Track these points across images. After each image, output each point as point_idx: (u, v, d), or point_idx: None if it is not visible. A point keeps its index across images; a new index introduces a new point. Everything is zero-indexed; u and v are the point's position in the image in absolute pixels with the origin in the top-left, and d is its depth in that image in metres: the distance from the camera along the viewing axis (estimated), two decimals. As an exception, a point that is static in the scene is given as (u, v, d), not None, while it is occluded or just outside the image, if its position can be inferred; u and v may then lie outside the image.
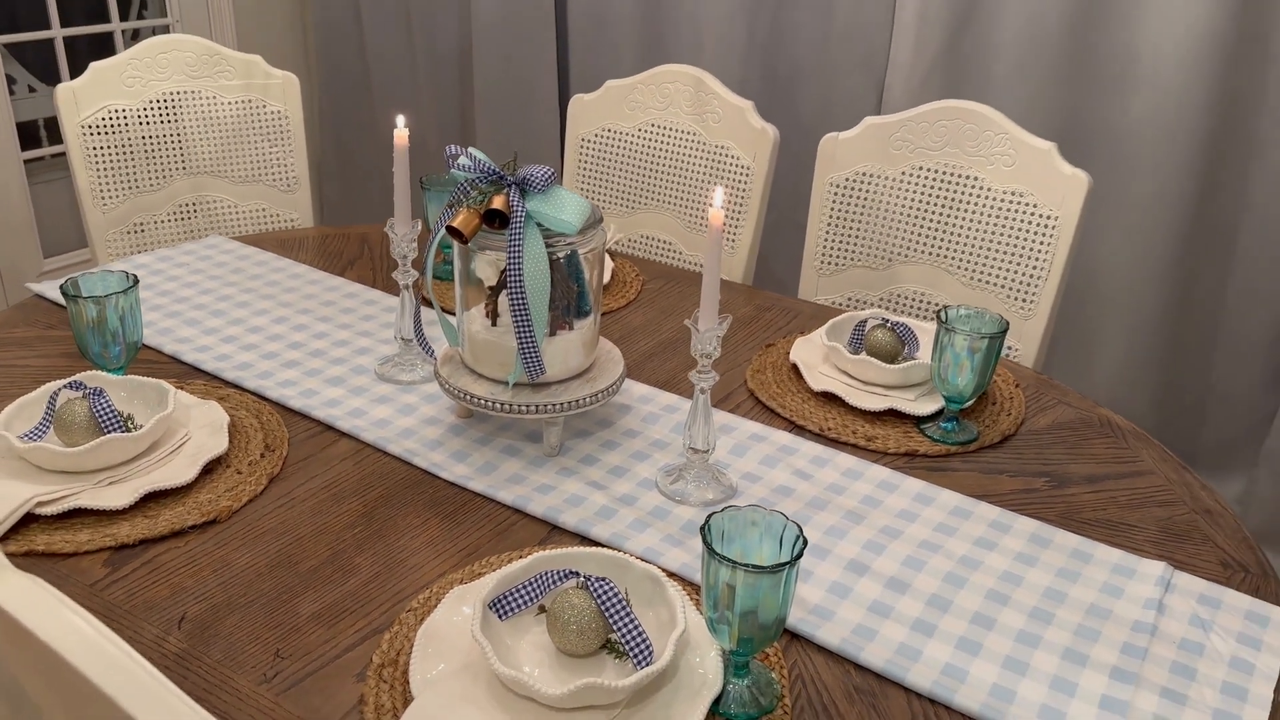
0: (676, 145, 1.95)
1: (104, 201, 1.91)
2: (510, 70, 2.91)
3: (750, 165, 1.86)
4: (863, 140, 1.74)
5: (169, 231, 2.01)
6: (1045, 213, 1.57)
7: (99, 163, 1.90)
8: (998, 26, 2.19)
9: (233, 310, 1.57)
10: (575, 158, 2.07)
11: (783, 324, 1.61)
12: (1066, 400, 1.39)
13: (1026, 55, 2.16)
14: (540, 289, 1.14)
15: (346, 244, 1.87)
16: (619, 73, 2.76)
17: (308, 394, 1.33)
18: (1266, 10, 1.97)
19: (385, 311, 1.60)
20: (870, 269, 1.77)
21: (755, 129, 1.85)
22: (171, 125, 1.97)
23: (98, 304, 1.22)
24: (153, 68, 1.94)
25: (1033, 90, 2.18)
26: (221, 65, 1.99)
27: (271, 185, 2.06)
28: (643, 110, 1.98)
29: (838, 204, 1.77)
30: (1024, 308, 1.60)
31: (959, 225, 1.66)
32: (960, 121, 1.64)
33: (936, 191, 1.68)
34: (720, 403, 1.35)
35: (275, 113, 2.03)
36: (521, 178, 1.17)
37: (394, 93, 3.23)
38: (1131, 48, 2.06)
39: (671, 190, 1.96)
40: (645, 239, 2.01)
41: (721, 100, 1.89)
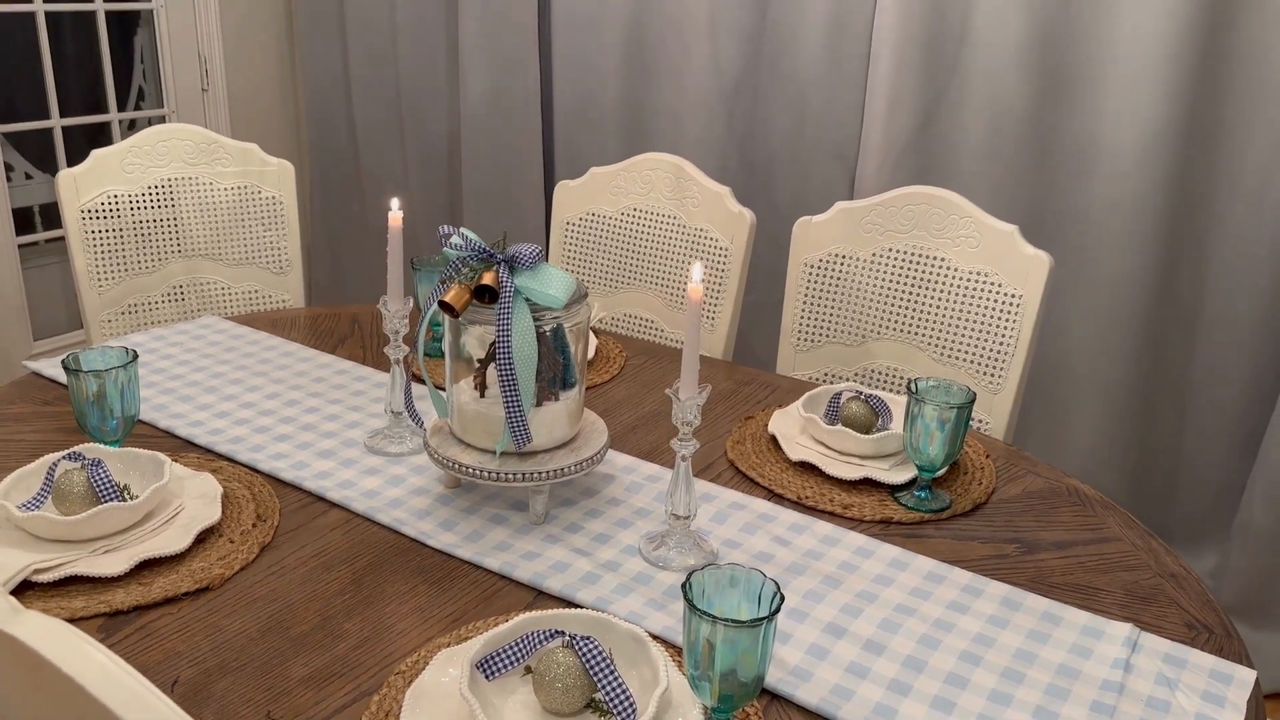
0: (658, 228, 2.02)
1: (100, 284, 1.96)
2: (498, 157, 3.01)
3: (729, 247, 1.93)
4: (835, 223, 1.82)
5: (163, 312, 2.05)
6: (1010, 292, 1.64)
7: (96, 246, 1.96)
8: (963, 116, 2.30)
9: (226, 387, 1.61)
10: (560, 240, 2.14)
11: (762, 397, 1.66)
12: (1035, 471, 1.44)
13: (991, 143, 2.27)
14: (528, 361, 1.19)
15: (337, 323, 1.92)
16: (603, 159, 2.87)
17: (299, 466, 1.37)
18: (1216, 103, 2.09)
19: (375, 387, 1.64)
20: (845, 345, 1.83)
21: (733, 213, 1.93)
22: (168, 210, 2.03)
23: (98, 378, 1.26)
24: (152, 155, 2.01)
25: (998, 176, 2.28)
26: (219, 153, 2.07)
27: (264, 267, 2.11)
28: (625, 195, 2.06)
29: (812, 284, 1.84)
30: (993, 382, 1.66)
31: (928, 304, 1.73)
32: (927, 206, 1.72)
33: (906, 272, 1.76)
34: (701, 472, 1.39)
35: (270, 198, 2.10)
36: (510, 255, 1.23)
37: (384, 179, 3.32)
38: (1091, 137, 2.17)
39: (653, 270, 2.03)
40: (628, 317, 2.08)
41: (700, 186, 1.98)
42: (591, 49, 2.80)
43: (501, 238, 1.27)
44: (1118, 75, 2.12)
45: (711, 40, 2.59)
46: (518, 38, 2.88)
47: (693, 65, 2.65)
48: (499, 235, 3.14)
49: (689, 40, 2.64)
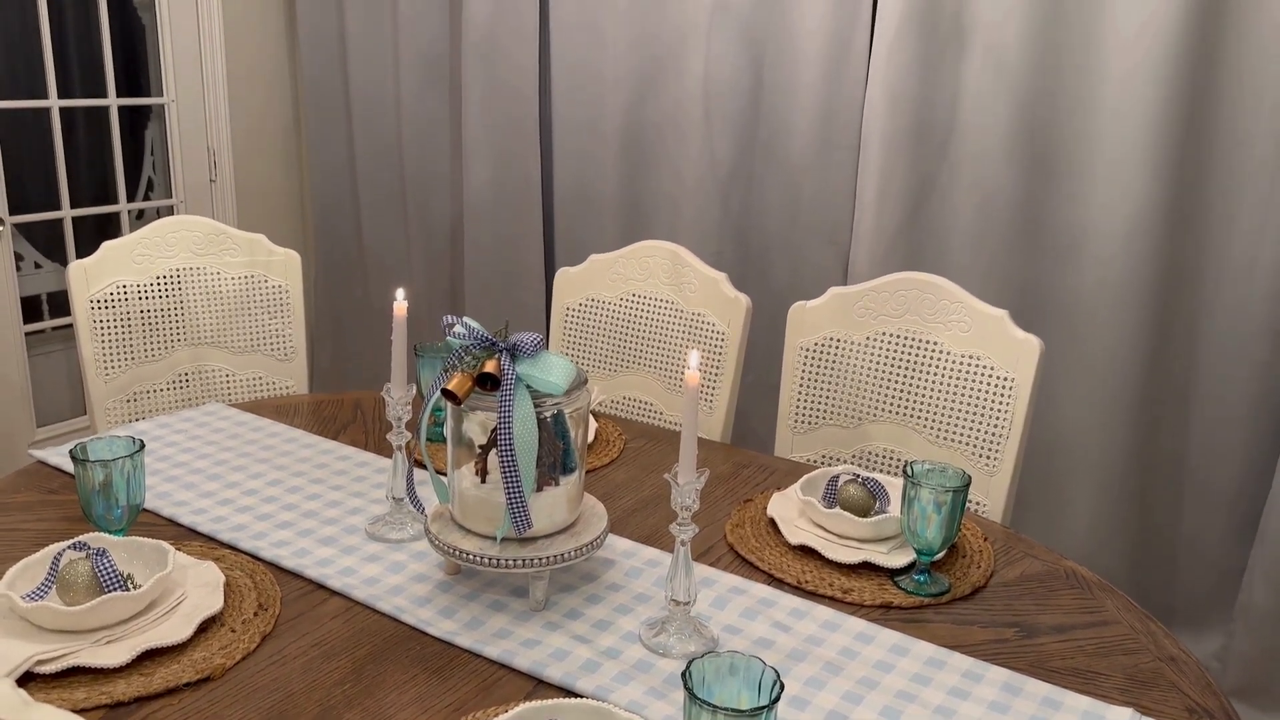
0: (656, 313, 2.06)
1: (107, 372, 1.99)
2: (499, 243, 3.07)
3: (725, 331, 1.97)
4: (829, 308, 1.85)
5: (167, 399, 2.08)
6: (1002, 375, 1.67)
7: (104, 335, 1.99)
8: (953, 202, 2.36)
9: (229, 474, 1.62)
10: (561, 325, 2.18)
11: (760, 480, 1.67)
12: (1033, 553, 1.45)
13: (981, 228, 2.33)
14: (528, 447, 1.21)
15: (340, 409, 1.94)
16: (602, 245, 2.92)
17: (300, 554, 1.37)
18: (1200, 184, 2.14)
19: (376, 474, 1.65)
20: (841, 428, 1.85)
21: (729, 298, 1.97)
22: (176, 299, 2.07)
23: (105, 468, 1.27)
24: (161, 246, 2.06)
25: (989, 259, 2.33)
26: (227, 243, 2.12)
27: (269, 354, 2.15)
28: (624, 281, 2.11)
29: (808, 367, 1.87)
30: (989, 464, 1.68)
31: (922, 386, 1.76)
32: (918, 292, 1.76)
33: (899, 355, 1.79)
34: (700, 556, 1.40)
35: (276, 287, 2.14)
36: (512, 344, 1.26)
37: (387, 265, 3.38)
38: (1079, 221, 2.23)
39: (652, 354, 2.06)
40: (627, 400, 2.10)
41: (697, 272, 2.02)
42: (591, 139, 2.89)
43: (503, 327, 1.30)
44: (1102, 161, 2.18)
45: (706, 130, 2.67)
46: (519, 130, 2.96)
47: (688, 154, 2.72)
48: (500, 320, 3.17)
49: (685, 130, 2.72)
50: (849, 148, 2.49)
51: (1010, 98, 2.23)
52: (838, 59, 2.45)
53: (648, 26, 2.70)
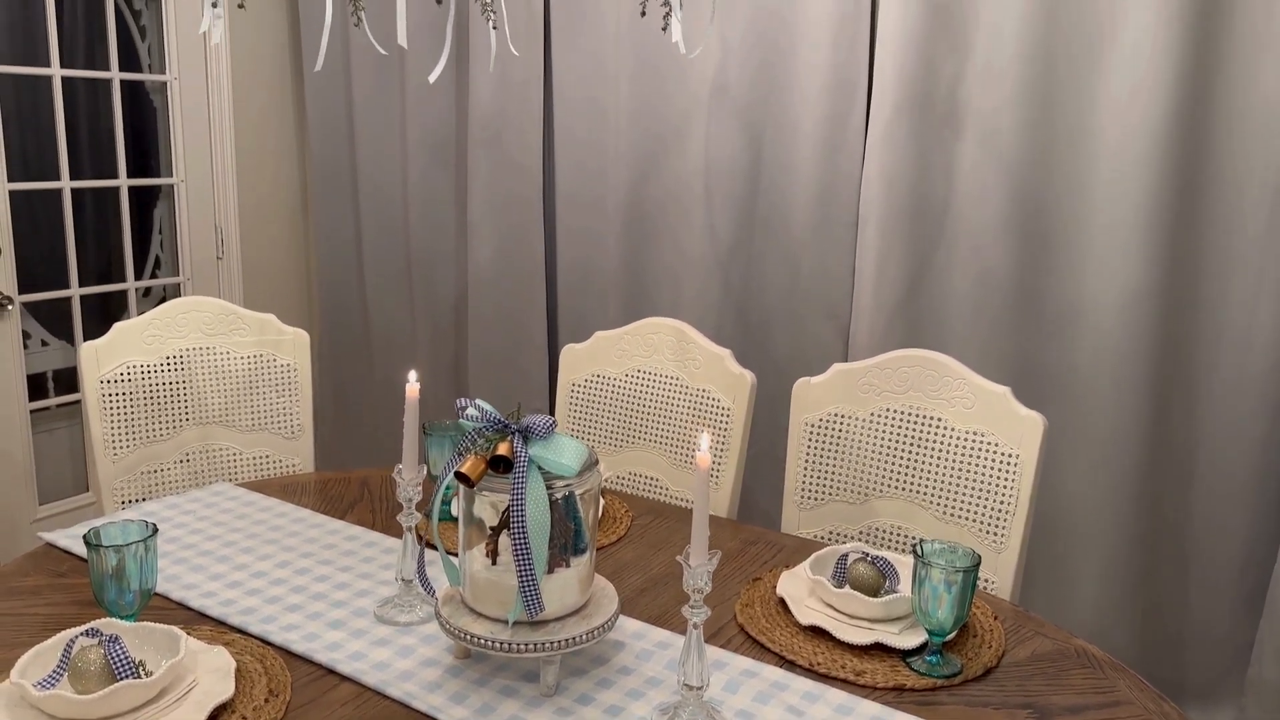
0: (661, 389, 2.08)
1: (115, 452, 2.00)
2: (503, 318, 3.10)
3: (730, 407, 1.99)
4: (833, 384, 1.87)
5: (174, 478, 2.08)
6: (1006, 452, 1.68)
7: (113, 415, 2.00)
8: (950, 279, 2.40)
9: (238, 555, 1.62)
10: (567, 401, 2.19)
11: (768, 558, 1.67)
12: (1043, 632, 1.44)
13: (979, 304, 2.36)
14: (541, 529, 1.21)
15: (347, 488, 1.95)
16: (604, 320, 2.97)
17: (310, 637, 1.37)
18: (1191, 264, 2.19)
19: (384, 554, 1.65)
20: (848, 504, 1.86)
21: (734, 374, 1.99)
22: (185, 379, 2.09)
23: (118, 553, 1.28)
24: (172, 326, 2.09)
25: (987, 335, 2.36)
26: (237, 324, 2.14)
27: (276, 433, 2.16)
28: (629, 358, 2.13)
29: (813, 443, 1.88)
30: (996, 541, 1.68)
31: (928, 463, 1.77)
32: (921, 368, 1.79)
33: (904, 431, 1.80)
34: (711, 637, 1.40)
35: (285, 366, 2.16)
36: (525, 425, 1.28)
37: (392, 341, 3.41)
38: (1075, 296, 2.26)
39: (657, 430, 2.08)
40: (634, 476, 2.11)
41: (701, 349, 2.05)
42: (593, 216, 2.94)
43: (516, 409, 1.32)
44: (1096, 237, 2.22)
45: (707, 207, 2.73)
46: (523, 207, 3.02)
47: (689, 230, 2.77)
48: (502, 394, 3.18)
49: (686, 207, 2.77)
50: (847, 225, 2.53)
51: (1005, 177, 2.28)
52: (835, 139, 2.51)
53: (649, 107, 2.77)
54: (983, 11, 2.28)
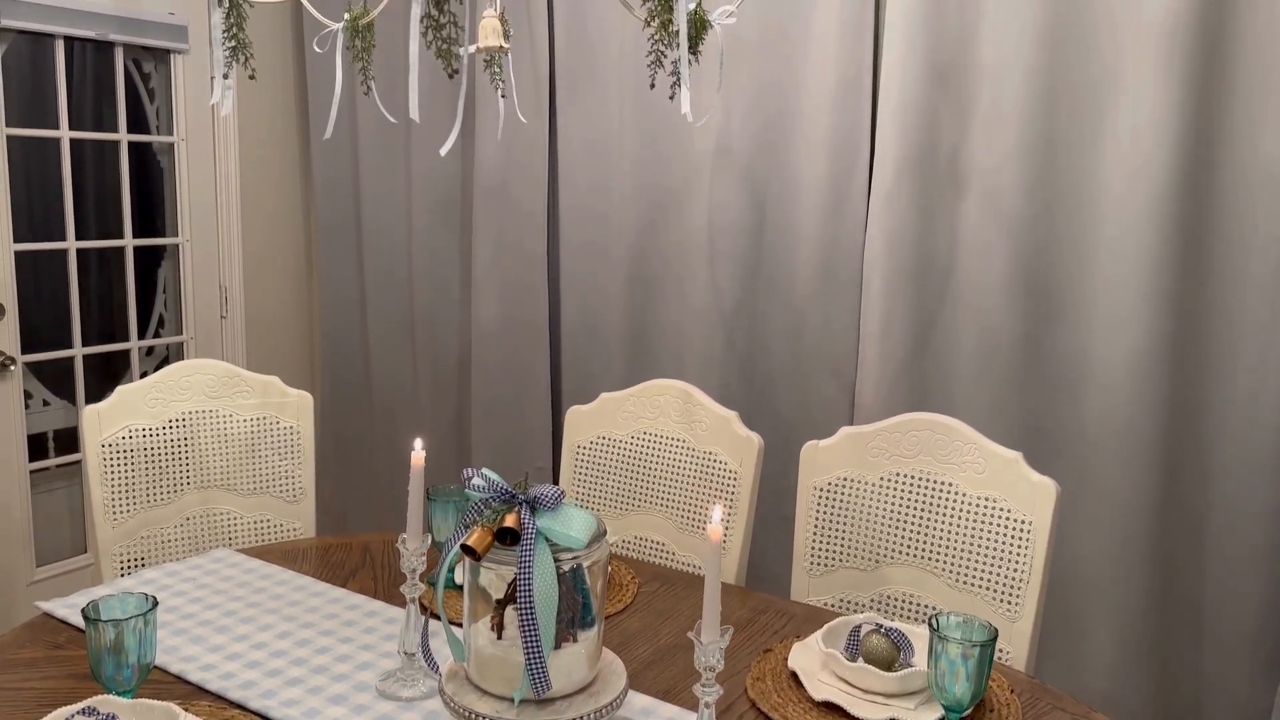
0: (667, 452, 2.06)
1: (115, 517, 1.98)
2: (507, 374, 3.09)
3: (738, 471, 1.97)
4: (841, 448, 1.86)
5: (174, 543, 2.05)
6: (1019, 518, 1.66)
7: (114, 480, 1.98)
8: (955, 338, 2.39)
9: (237, 626, 1.59)
10: (572, 463, 2.17)
11: (778, 627, 1.64)
12: (1061, 705, 1.41)
13: (984, 364, 2.35)
14: (548, 603, 1.19)
15: (348, 554, 1.92)
16: (608, 376, 2.95)
17: (311, 714, 1.34)
18: (1198, 323, 2.18)
19: (386, 624, 1.62)
20: (859, 570, 1.83)
21: (741, 437, 1.98)
22: (187, 442, 2.07)
23: (116, 627, 1.25)
24: (175, 390, 2.08)
25: (993, 394, 2.35)
26: (240, 386, 2.13)
27: (277, 496, 2.13)
28: (635, 420, 2.12)
29: (822, 507, 1.86)
30: (1010, 610, 1.65)
31: (939, 529, 1.75)
32: (930, 432, 1.77)
33: (915, 496, 1.78)
34: (722, 714, 1.36)
35: (288, 428, 2.15)
36: (532, 496, 1.26)
37: (394, 399, 3.40)
38: (1081, 356, 2.25)
39: (664, 494, 2.05)
40: (639, 540, 2.08)
41: (708, 411, 2.03)
42: (598, 274, 2.94)
43: (523, 479, 1.30)
44: (1101, 297, 2.22)
45: (710, 266, 2.73)
46: (528, 265, 3.03)
47: (693, 289, 2.77)
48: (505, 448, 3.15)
49: (689, 266, 2.77)
50: (851, 284, 2.53)
51: (1008, 238, 2.29)
52: (837, 199, 2.52)
53: (653, 167, 2.79)
54: (983, 74, 2.30)
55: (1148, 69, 2.09)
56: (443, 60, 1.25)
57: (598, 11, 2.81)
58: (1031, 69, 2.22)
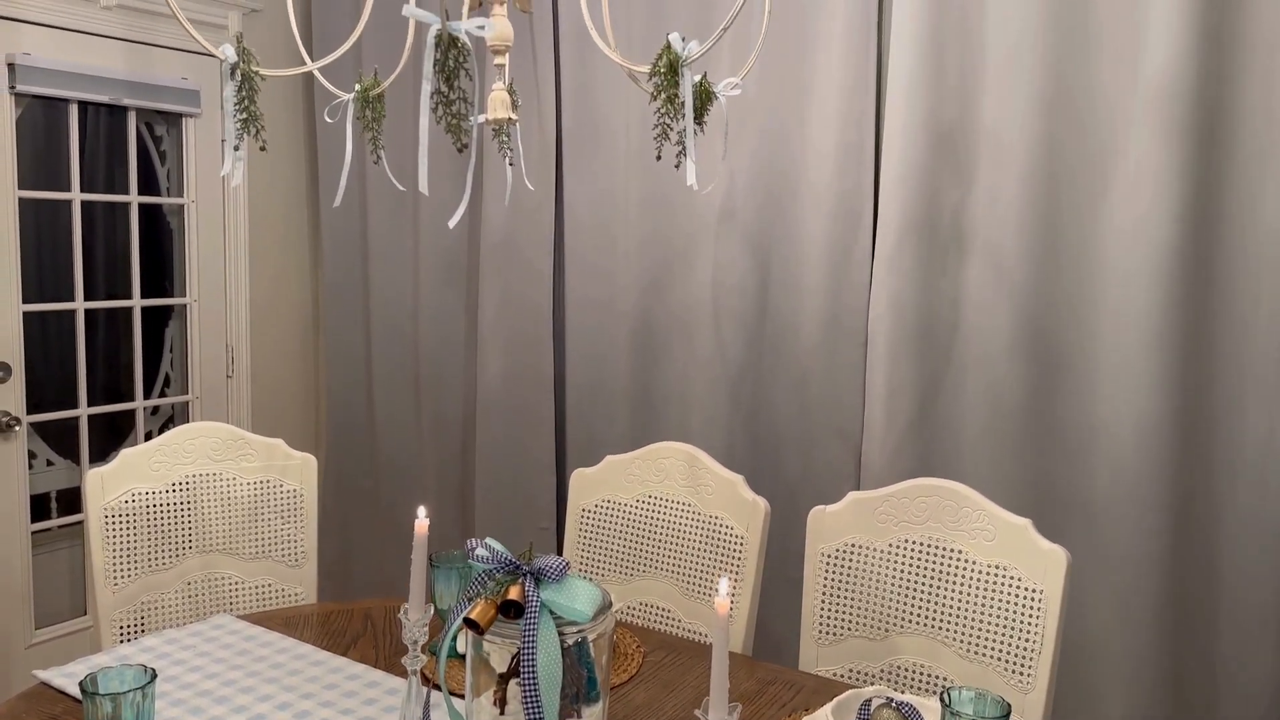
0: (673, 516, 2.05)
1: (116, 582, 1.96)
2: (511, 434, 3.08)
3: (744, 535, 1.95)
4: (849, 513, 1.84)
5: (174, 608, 2.03)
6: (1030, 586, 1.64)
7: (116, 544, 1.97)
8: (961, 400, 2.38)
9: (237, 696, 1.57)
10: (577, 526, 2.16)
11: (787, 699, 1.61)
12: (1078, 781, 1.38)
13: (991, 426, 2.34)
14: (553, 679, 1.17)
15: (350, 621, 1.90)
16: (613, 437, 2.94)
17: (310, 790, 1.31)
18: (1205, 386, 2.17)
19: (387, 694, 1.60)
20: (868, 640, 1.80)
21: (747, 501, 1.96)
22: (190, 506, 2.06)
23: (114, 701, 1.23)
24: (179, 453, 2.07)
25: (1000, 457, 2.33)
26: (245, 449, 2.13)
27: (279, 560, 2.12)
28: (640, 483, 2.10)
29: (830, 574, 1.84)
30: (1023, 681, 1.62)
31: (949, 597, 1.73)
32: (939, 498, 1.76)
33: (924, 563, 1.76)
34: (730, 792, 1.33)
35: (291, 491, 2.13)
36: (537, 568, 1.24)
37: (398, 458, 3.39)
38: (1088, 421, 2.24)
39: (669, 559, 2.03)
40: (644, 607, 2.05)
41: (713, 474, 2.02)
42: (603, 334, 2.95)
43: (528, 549, 1.29)
44: (1107, 360, 2.21)
45: (715, 327, 2.74)
46: (533, 324, 3.04)
47: (697, 350, 2.78)
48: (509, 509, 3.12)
49: (694, 327, 2.78)
50: (856, 345, 2.54)
51: (1011, 301, 2.29)
52: (841, 263, 2.53)
53: (658, 230, 2.81)
54: (984, 139, 2.32)
55: (1147, 135, 2.11)
56: (452, 135, 1.27)
57: (604, 77, 2.85)
58: (1032, 134, 2.25)
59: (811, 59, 2.55)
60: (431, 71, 1.23)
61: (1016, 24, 2.27)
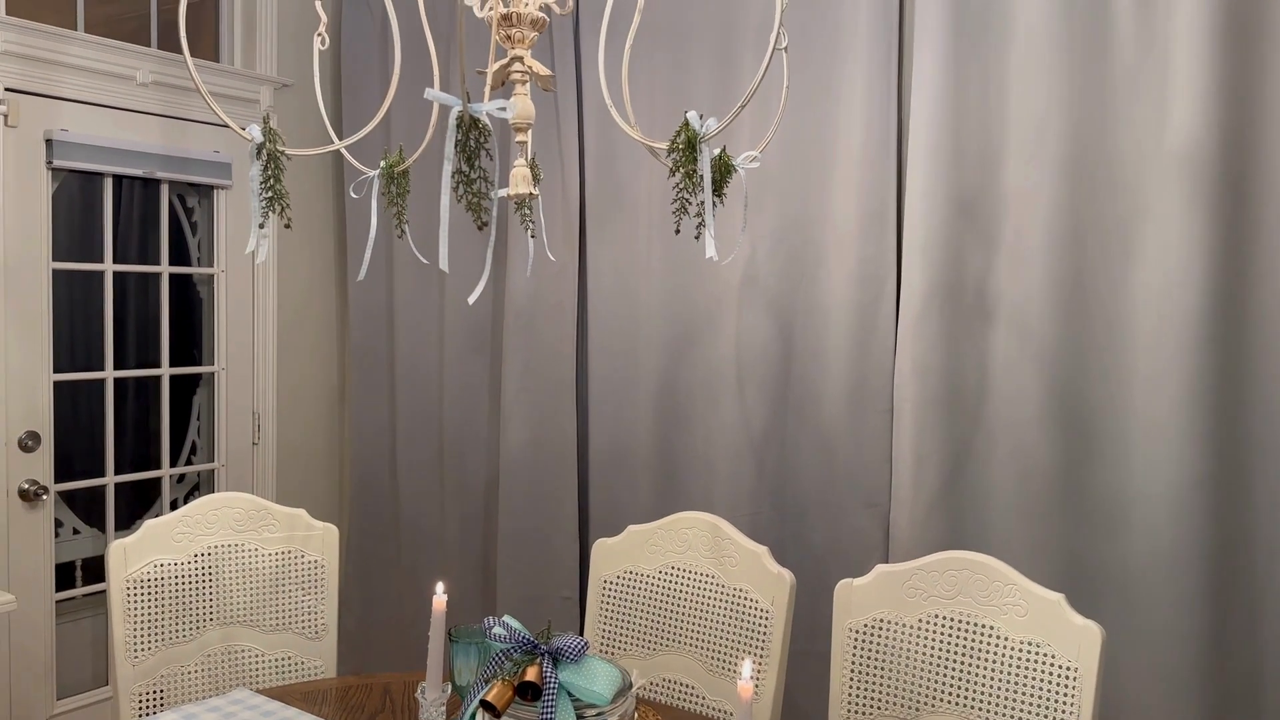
0: (697, 588, 2.01)
1: (136, 655, 1.95)
2: (534, 502, 3.06)
3: (769, 609, 1.91)
4: (877, 587, 1.80)
5: (194, 680, 2.02)
6: (1064, 664, 1.59)
7: (137, 617, 1.96)
8: (990, 468, 2.34)
9: (252, 777, 1.54)
10: (599, 598, 2.13)
11: (813, 783, 1.56)
12: None
13: (1021, 494, 2.29)
14: (572, 767, 1.14)
15: (368, 696, 1.87)
16: (636, 504, 2.91)
17: None
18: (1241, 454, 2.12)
19: (406, 774, 1.56)
20: (898, 719, 1.75)
21: (772, 574, 1.93)
22: (211, 577, 2.06)
23: (126, 785, 1.21)
24: (202, 524, 2.07)
25: (1031, 527, 2.28)
26: (267, 519, 2.12)
27: (299, 633, 2.10)
28: (663, 554, 2.08)
29: (859, 651, 1.79)
30: (1059, 764, 1.56)
31: (981, 675, 1.68)
32: (969, 572, 1.72)
33: (955, 640, 1.72)
34: None
35: (312, 562, 2.13)
36: (555, 648, 1.22)
37: (421, 526, 3.37)
38: (1121, 491, 2.19)
39: (692, 633, 2.00)
40: (667, 682, 2.01)
41: (737, 545, 1.99)
42: (626, 400, 2.94)
43: (546, 628, 1.27)
44: (1139, 427, 2.17)
45: (739, 393, 2.72)
46: (557, 391, 3.03)
47: (721, 416, 2.76)
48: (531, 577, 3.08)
49: (717, 393, 2.77)
50: (882, 411, 2.51)
51: (1039, 368, 2.26)
52: (865, 328, 2.52)
53: (681, 295, 2.82)
54: (1008, 205, 2.32)
55: (1173, 198, 2.10)
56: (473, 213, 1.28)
57: (626, 147, 2.89)
58: (1056, 199, 2.24)
59: (832, 125, 2.57)
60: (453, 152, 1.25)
61: (1038, 89, 2.27)
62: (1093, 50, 2.21)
